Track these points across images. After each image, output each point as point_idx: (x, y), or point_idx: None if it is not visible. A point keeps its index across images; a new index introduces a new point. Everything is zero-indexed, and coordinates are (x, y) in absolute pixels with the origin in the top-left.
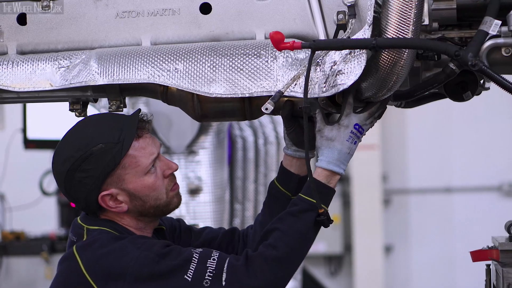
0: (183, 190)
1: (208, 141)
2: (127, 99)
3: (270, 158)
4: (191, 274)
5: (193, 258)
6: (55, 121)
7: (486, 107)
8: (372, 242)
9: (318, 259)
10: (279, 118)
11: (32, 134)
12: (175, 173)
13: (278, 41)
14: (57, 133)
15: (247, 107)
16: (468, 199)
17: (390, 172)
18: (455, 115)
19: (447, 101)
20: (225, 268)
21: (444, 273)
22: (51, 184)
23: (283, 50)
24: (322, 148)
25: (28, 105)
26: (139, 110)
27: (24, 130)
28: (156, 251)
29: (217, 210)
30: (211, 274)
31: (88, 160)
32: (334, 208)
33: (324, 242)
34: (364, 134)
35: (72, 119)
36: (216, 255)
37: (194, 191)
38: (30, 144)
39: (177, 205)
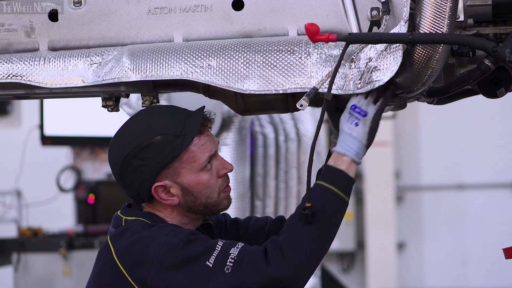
0: None
1: (230, 138)
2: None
3: (290, 155)
4: (213, 260)
5: (217, 246)
6: (72, 117)
7: (498, 104)
8: (385, 239)
9: (331, 256)
10: (299, 115)
11: (49, 131)
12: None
13: (313, 33)
14: (74, 130)
15: (290, 100)
16: (480, 196)
17: (403, 169)
18: (467, 112)
19: None
20: (246, 256)
21: (456, 269)
22: (68, 181)
23: (317, 46)
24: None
25: (45, 101)
26: (204, 107)
27: (41, 126)
28: (182, 238)
29: (239, 207)
30: (233, 261)
31: (147, 149)
32: None
33: (337, 239)
34: (366, 116)
35: (90, 116)
36: (240, 245)
37: None
38: (47, 140)
39: (226, 207)
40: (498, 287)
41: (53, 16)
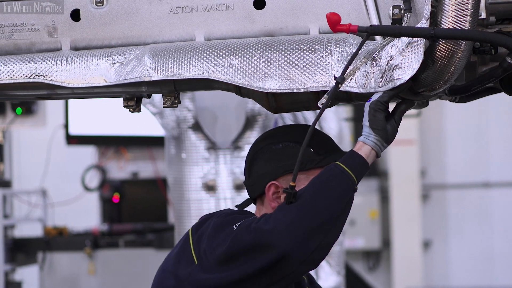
0: (229, 185)
1: (253, 137)
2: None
3: None
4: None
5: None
6: (97, 117)
7: None
8: (411, 237)
9: (357, 254)
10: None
11: (74, 130)
12: (223, 170)
13: (335, 23)
14: (99, 129)
15: (321, 97)
16: (506, 194)
17: (429, 167)
18: (493, 109)
19: None
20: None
21: (482, 267)
22: (93, 180)
23: (338, 44)
24: None
25: (70, 101)
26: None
27: (66, 126)
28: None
29: None
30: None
31: (290, 149)
32: (372, 203)
33: (362, 237)
34: (369, 101)
35: (114, 115)
36: None
37: (240, 187)
38: (72, 140)
39: None
40: None
41: (75, 15)
